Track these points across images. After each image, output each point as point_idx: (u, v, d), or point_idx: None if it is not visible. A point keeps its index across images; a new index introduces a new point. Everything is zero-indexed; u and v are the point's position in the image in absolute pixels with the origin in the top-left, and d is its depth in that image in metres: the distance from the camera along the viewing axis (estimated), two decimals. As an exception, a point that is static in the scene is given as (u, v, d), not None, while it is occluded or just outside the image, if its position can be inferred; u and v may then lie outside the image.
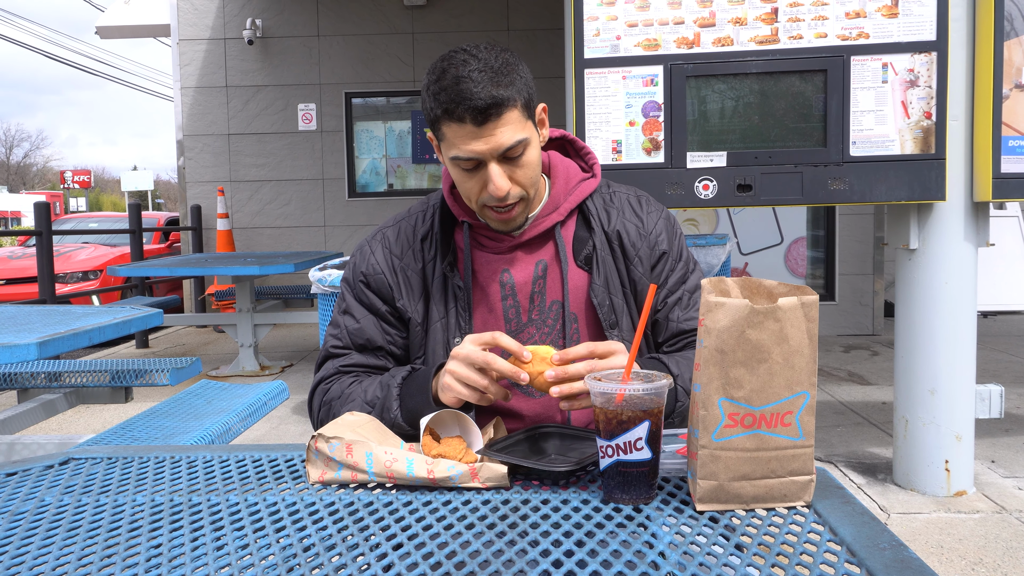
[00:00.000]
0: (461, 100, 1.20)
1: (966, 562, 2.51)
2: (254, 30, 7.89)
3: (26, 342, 1.90)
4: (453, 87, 1.20)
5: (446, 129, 1.24)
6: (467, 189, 1.30)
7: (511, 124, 1.23)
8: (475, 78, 1.20)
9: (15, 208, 36.78)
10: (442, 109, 1.22)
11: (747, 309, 0.90)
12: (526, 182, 1.29)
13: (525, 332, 1.37)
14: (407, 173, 8.25)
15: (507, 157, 1.26)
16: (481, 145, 1.23)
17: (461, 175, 1.28)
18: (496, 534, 0.88)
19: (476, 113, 1.20)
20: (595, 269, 1.36)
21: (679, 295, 1.40)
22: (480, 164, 1.26)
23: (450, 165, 1.29)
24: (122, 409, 4.56)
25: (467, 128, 1.22)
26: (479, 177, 1.27)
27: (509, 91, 1.22)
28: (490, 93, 1.20)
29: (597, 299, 1.35)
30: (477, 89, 1.20)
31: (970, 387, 3.02)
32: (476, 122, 1.21)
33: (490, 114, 1.20)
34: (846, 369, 5.46)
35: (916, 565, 0.76)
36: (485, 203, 1.30)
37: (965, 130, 2.91)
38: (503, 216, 1.31)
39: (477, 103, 1.19)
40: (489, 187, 1.25)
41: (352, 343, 1.40)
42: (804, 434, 0.92)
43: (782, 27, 2.76)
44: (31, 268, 7.51)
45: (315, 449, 1.07)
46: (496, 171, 1.25)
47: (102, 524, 0.95)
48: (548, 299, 1.37)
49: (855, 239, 6.71)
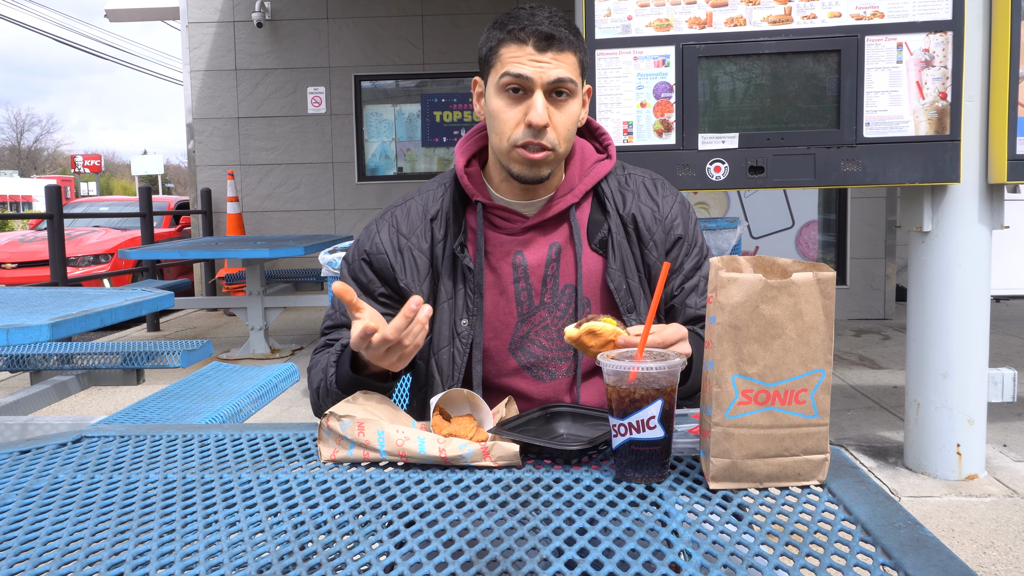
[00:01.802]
0: (530, 23, 1.25)
1: (977, 546, 2.50)
2: (263, 13, 7.86)
3: (38, 323, 1.91)
4: (525, 15, 1.26)
5: (504, 51, 1.27)
6: (504, 120, 1.28)
7: (568, 64, 1.27)
8: (546, 15, 1.26)
9: (26, 192, 36.92)
10: (506, 31, 1.26)
11: (761, 284, 0.89)
12: (562, 131, 1.28)
13: (537, 315, 1.36)
14: (416, 156, 8.23)
15: (554, 93, 1.27)
16: (535, 67, 1.25)
17: (503, 102, 1.28)
18: (508, 512, 0.88)
19: (540, 37, 1.24)
20: (611, 253, 1.35)
21: (695, 281, 1.39)
22: (525, 94, 1.27)
23: (493, 93, 1.29)
24: (134, 391, 4.59)
25: (526, 49, 1.25)
26: (521, 108, 1.27)
27: (574, 38, 1.28)
28: (558, 27, 1.26)
29: (614, 283, 1.33)
30: (546, 21, 1.25)
31: (983, 371, 3.00)
32: (538, 47, 1.25)
33: (552, 43, 1.25)
34: (857, 353, 5.44)
35: (932, 544, 0.75)
36: (518, 141, 1.27)
37: (980, 111, 2.87)
38: (532, 156, 1.27)
39: (544, 28, 1.24)
40: (531, 114, 1.25)
41: (342, 322, 1.40)
42: (819, 412, 0.91)
43: (795, 6, 2.72)
44: (43, 251, 7.54)
45: (327, 428, 1.07)
46: (541, 100, 1.25)
47: (115, 501, 0.96)
48: (561, 282, 1.35)
49: (867, 223, 6.67)
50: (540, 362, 1.36)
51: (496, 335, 1.36)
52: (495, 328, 1.36)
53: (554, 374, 1.36)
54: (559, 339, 1.35)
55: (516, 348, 1.36)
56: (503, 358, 1.37)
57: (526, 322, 1.36)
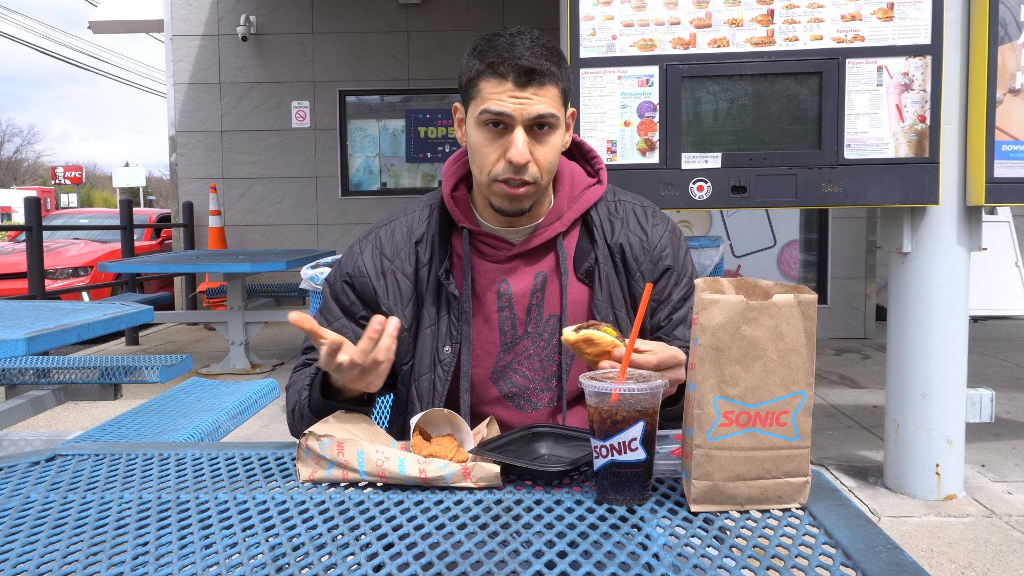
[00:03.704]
0: (509, 56, 1.21)
1: (956, 566, 2.51)
2: (248, 26, 7.86)
3: (14, 337, 1.88)
4: (504, 45, 1.22)
5: (483, 84, 1.23)
6: (484, 155, 1.25)
7: (549, 98, 1.23)
8: (527, 45, 1.22)
9: (5, 203, 36.53)
10: (486, 64, 1.22)
11: (742, 305, 0.90)
12: (543, 164, 1.25)
13: (520, 345, 1.34)
14: (400, 172, 8.23)
15: (535, 128, 1.23)
16: (515, 104, 1.21)
17: (483, 137, 1.25)
18: (488, 534, 0.87)
19: (520, 72, 1.20)
20: (598, 284, 1.32)
21: (683, 312, 1.36)
22: (506, 129, 1.23)
23: (474, 126, 1.26)
24: (111, 406, 4.53)
25: (506, 85, 1.21)
26: (501, 143, 1.24)
27: (556, 70, 1.23)
28: (539, 59, 1.21)
29: (600, 315, 1.31)
30: (527, 52, 1.21)
31: (961, 391, 3.03)
32: (518, 82, 1.21)
33: (533, 78, 1.21)
34: (837, 372, 5.47)
35: (912, 568, 0.75)
36: (498, 176, 1.25)
37: (959, 134, 2.91)
38: (512, 191, 1.25)
39: (524, 63, 1.20)
40: (510, 151, 1.22)
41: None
42: (800, 435, 0.91)
43: (778, 29, 2.76)
44: (20, 264, 7.45)
45: (306, 447, 1.06)
46: (521, 137, 1.22)
47: (88, 522, 0.94)
48: (546, 312, 1.33)
49: (848, 242, 6.72)
50: (522, 392, 1.34)
51: (478, 363, 1.34)
52: (478, 356, 1.34)
53: (536, 404, 1.34)
54: (542, 369, 1.34)
55: (498, 377, 1.34)
56: (485, 387, 1.35)
57: (509, 351, 1.34)
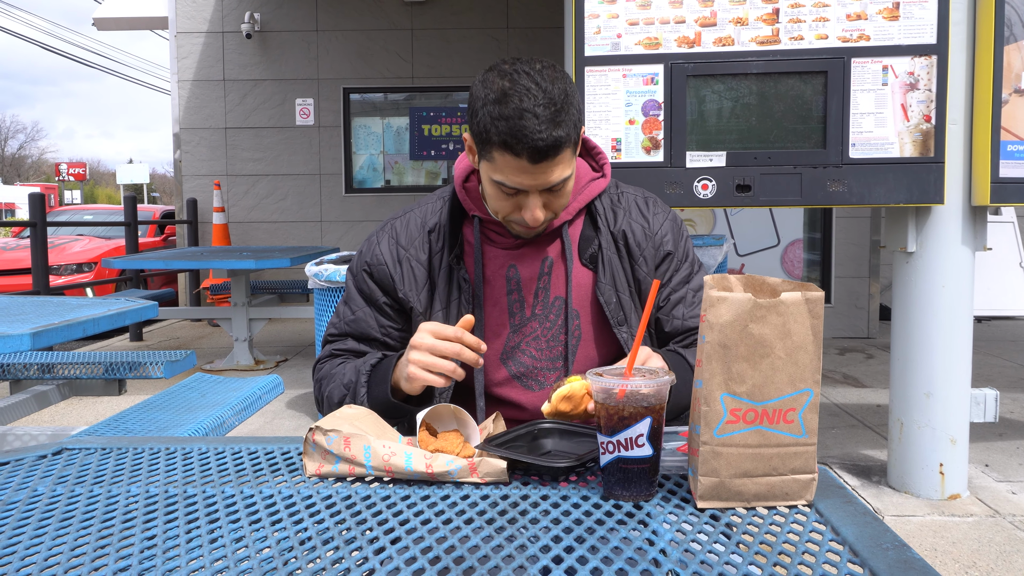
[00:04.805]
0: (523, 137, 1.18)
1: (959, 565, 2.50)
2: (252, 24, 7.86)
3: (19, 332, 1.89)
4: (515, 119, 1.18)
5: (498, 156, 1.23)
6: (499, 207, 1.31)
7: (563, 163, 1.24)
8: (539, 114, 1.18)
9: (9, 200, 36.56)
10: (500, 139, 1.20)
11: (750, 303, 0.90)
12: (558, 208, 1.32)
13: (528, 327, 1.40)
14: (404, 170, 8.23)
15: (550, 189, 1.27)
16: (530, 180, 1.24)
17: (498, 194, 1.29)
18: (495, 529, 0.87)
19: (535, 153, 1.20)
20: (601, 268, 1.39)
21: (682, 293, 1.43)
22: (521, 191, 1.27)
23: (488, 182, 1.29)
24: (115, 402, 4.54)
25: (521, 163, 1.21)
26: (515, 200, 1.28)
27: (567, 130, 1.21)
28: (551, 134, 1.19)
29: (604, 297, 1.37)
30: (540, 128, 1.18)
31: (965, 391, 3.02)
32: (532, 160, 1.21)
33: (548, 155, 1.21)
34: (841, 371, 5.47)
35: (919, 566, 0.75)
36: (514, 220, 1.32)
37: (964, 134, 2.90)
38: (529, 230, 1.34)
39: (538, 144, 1.19)
40: (525, 214, 1.27)
41: (347, 332, 1.45)
42: (807, 432, 0.91)
43: (783, 28, 2.75)
44: (25, 260, 7.46)
45: (312, 442, 1.06)
46: (536, 202, 1.27)
47: (96, 515, 0.94)
48: (551, 295, 1.40)
49: (851, 242, 6.71)
50: (530, 371, 1.40)
51: (489, 344, 1.40)
52: (488, 338, 1.40)
53: (543, 383, 1.40)
54: (548, 349, 1.40)
55: (507, 358, 1.41)
56: (494, 367, 1.41)
57: (518, 333, 1.40)
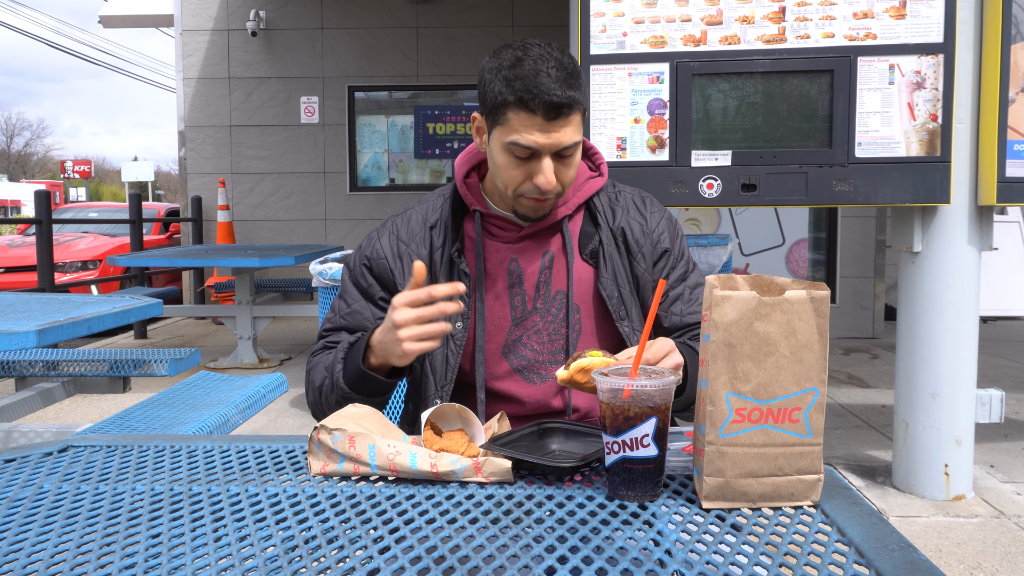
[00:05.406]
0: (539, 92, 1.23)
1: (964, 566, 2.50)
2: (257, 21, 7.86)
3: (25, 329, 1.89)
4: (531, 77, 1.24)
5: (512, 115, 1.26)
6: (510, 176, 1.32)
7: (574, 125, 1.28)
8: (553, 75, 1.24)
9: (15, 197, 36.65)
10: (515, 96, 1.25)
11: (755, 301, 0.89)
12: (567, 181, 1.34)
13: (529, 320, 1.42)
14: (409, 168, 8.23)
15: (560, 155, 1.30)
16: (545, 139, 1.26)
17: (510, 162, 1.31)
18: (500, 528, 0.87)
19: (550, 108, 1.24)
20: (602, 263, 1.41)
21: (680, 290, 1.45)
22: (533, 155, 1.29)
23: (500, 151, 1.31)
24: (119, 399, 4.55)
25: (536, 120, 1.25)
26: (527, 167, 1.30)
27: (579, 94, 1.27)
28: (566, 92, 1.24)
29: (606, 291, 1.39)
30: (555, 86, 1.23)
31: (971, 391, 3.01)
32: (547, 116, 1.25)
33: (562, 112, 1.25)
34: (846, 372, 5.46)
35: (925, 567, 0.75)
36: (524, 193, 1.33)
37: (971, 133, 2.89)
38: (539, 203, 1.34)
39: (554, 98, 1.23)
40: (538, 179, 1.29)
41: (342, 325, 1.45)
42: (812, 432, 0.91)
43: (789, 26, 2.74)
44: (30, 256, 7.48)
45: (317, 441, 1.06)
46: (549, 166, 1.29)
47: (101, 512, 0.94)
48: (553, 289, 1.41)
49: (856, 242, 6.70)
50: (531, 365, 1.41)
51: (490, 338, 1.42)
52: (490, 332, 1.42)
53: (545, 376, 1.41)
54: (550, 342, 1.41)
55: (509, 351, 1.42)
56: (496, 361, 1.42)
57: (519, 326, 1.42)
